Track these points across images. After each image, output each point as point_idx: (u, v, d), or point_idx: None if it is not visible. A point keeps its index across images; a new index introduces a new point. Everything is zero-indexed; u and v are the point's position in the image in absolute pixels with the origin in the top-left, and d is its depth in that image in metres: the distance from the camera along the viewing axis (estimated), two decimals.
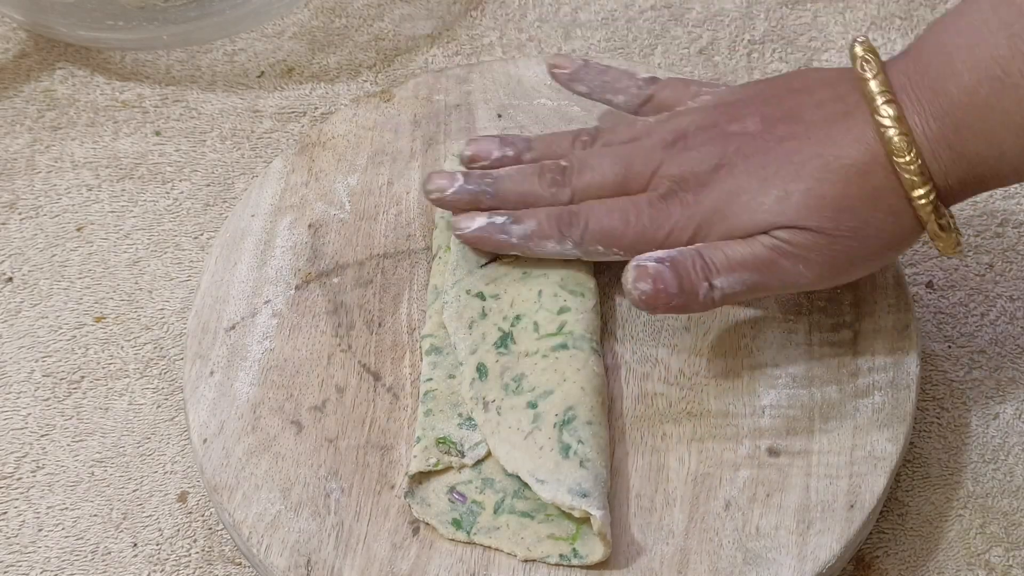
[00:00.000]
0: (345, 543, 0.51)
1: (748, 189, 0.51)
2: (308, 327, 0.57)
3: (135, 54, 0.72)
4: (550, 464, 0.50)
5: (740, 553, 0.50)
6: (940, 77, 0.48)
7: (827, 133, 0.50)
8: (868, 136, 0.49)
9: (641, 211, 0.53)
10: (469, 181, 0.55)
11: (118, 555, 0.54)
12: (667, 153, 0.53)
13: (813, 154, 0.50)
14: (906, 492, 0.55)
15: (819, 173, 0.50)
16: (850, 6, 0.73)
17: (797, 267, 0.51)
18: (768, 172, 0.51)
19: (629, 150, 0.55)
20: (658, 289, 0.50)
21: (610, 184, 0.54)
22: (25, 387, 0.59)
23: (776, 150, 0.51)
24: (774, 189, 0.50)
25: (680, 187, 0.52)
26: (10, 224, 0.65)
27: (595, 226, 0.53)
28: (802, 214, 0.50)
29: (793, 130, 0.51)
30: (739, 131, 0.52)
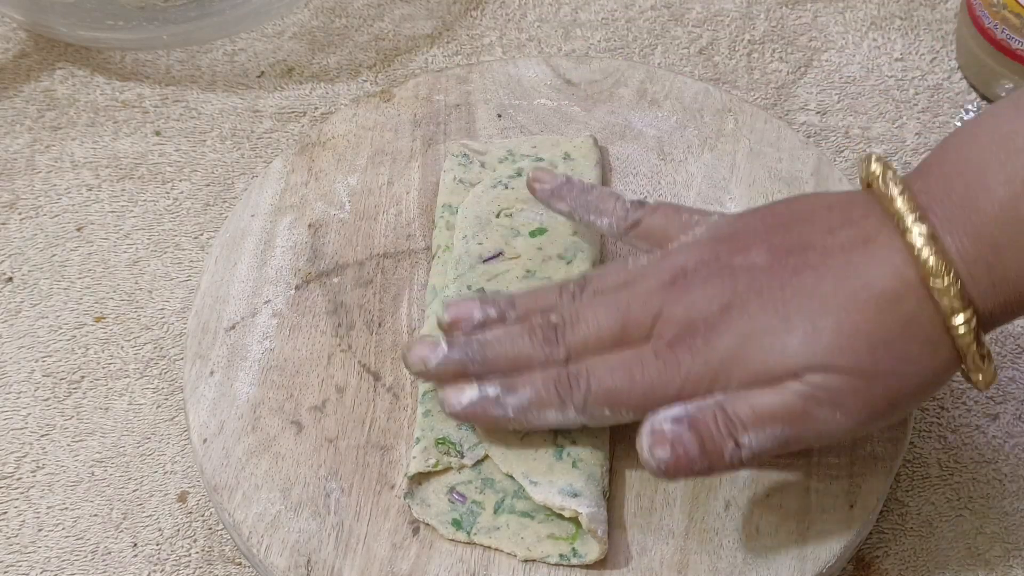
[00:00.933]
0: (345, 543, 0.51)
1: (768, 329, 0.46)
2: (308, 327, 0.57)
3: (135, 54, 0.72)
4: (543, 466, 0.51)
5: (740, 553, 0.50)
6: (971, 193, 0.44)
7: (847, 260, 0.46)
8: (897, 260, 0.45)
9: (647, 364, 0.47)
10: (453, 349, 0.50)
11: (118, 555, 0.54)
12: (667, 295, 0.48)
13: (837, 285, 0.45)
14: (906, 492, 0.55)
15: (847, 305, 0.45)
16: (850, 6, 0.73)
17: (834, 415, 0.45)
18: (789, 309, 0.46)
19: (624, 296, 0.49)
20: (678, 455, 0.45)
21: (608, 336, 0.48)
22: (25, 387, 0.59)
23: (793, 283, 0.46)
24: (800, 326, 0.45)
25: (688, 332, 0.47)
26: (10, 224, 0.65)
27: (598, 387, 0.48)
28: (835, 353, 0.45)
29: (808, 260, 0.46)
30: (745, 264, 0.47)
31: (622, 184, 0.62)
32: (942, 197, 0.45)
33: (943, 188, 0.45)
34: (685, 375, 0.47)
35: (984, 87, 0.69)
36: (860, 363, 0.45)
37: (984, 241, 0.44)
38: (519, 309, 0.51)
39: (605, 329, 0.49)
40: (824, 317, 0.45)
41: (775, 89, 0.70)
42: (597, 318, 0.49)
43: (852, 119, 0.68)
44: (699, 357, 0.47)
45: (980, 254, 0.44)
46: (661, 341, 0.48)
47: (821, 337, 0.45)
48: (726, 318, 0.47)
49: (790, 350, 0.45)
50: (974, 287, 0.45)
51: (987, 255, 0.44)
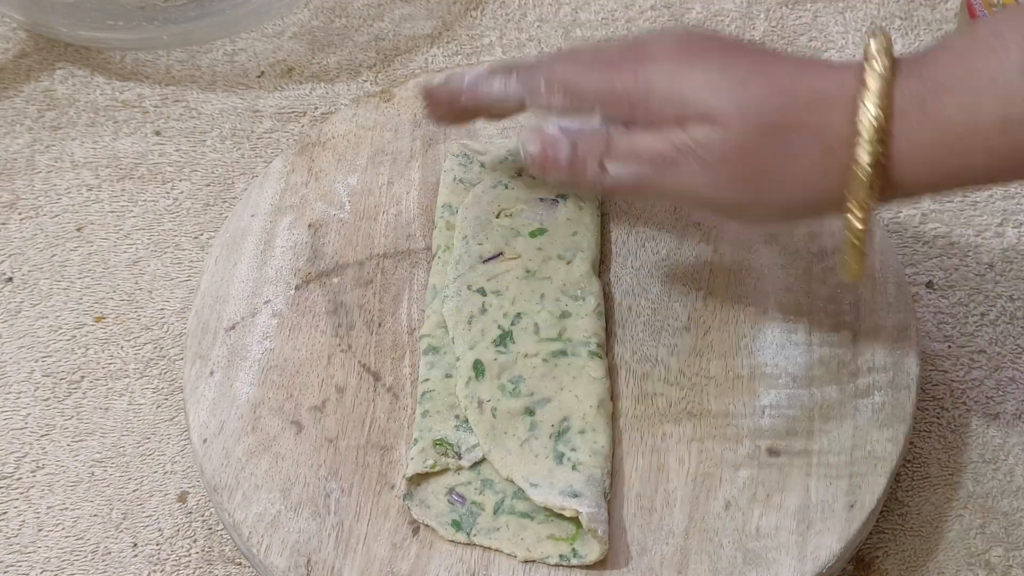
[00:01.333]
0: (345, 543, 0.51)
1: (689, 71, 0.47)
2: (308, 327, 0.57)
3: (135, 54, 0.72)
4: (544, 470, 0.51)
5: (740, 553, 0.50)
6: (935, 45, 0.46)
7: (799, 62, 0.47)
8: (846, 75, 0.45)
9: (593, 66, 0.49)
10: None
11: (118, 555, 0.54)
12: (634, 42, 0.50)
13: (781, 60, 0.47)
14: (906, 492, 0.55)
15: (767, 67, 0.46)
16: (850, 6, 0.73)
17: (692, 168, 0.46)
18: (722, 61, 0.47)
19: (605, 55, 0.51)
20: (546, 156, 0.50)
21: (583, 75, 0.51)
22: (25, 387, 0.59)
23: (739, 50, 0.48)
24: (715, 72, 0.47)
25: (635, 58, 0.49)
26: (10, 224, 0.65)
27: (551, 71, 0.50)
28: (724, 100, 0.46)
29: (774, 52, 0.49)
30: (712, 35, 0.50)
31: None
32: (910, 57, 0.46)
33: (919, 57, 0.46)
34: (610, 84, 0.49)
35: None
36: (744, 122, 0.46)
37: (928, 79, 0.45)
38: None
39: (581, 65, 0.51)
40: (740, 65, 0.47)
41: None
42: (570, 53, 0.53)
43: None
44: (630, 76, 0.48)
45: (920, 91, 0.44)
46: (611, 54, 0.50)
47: (723, 78, 0.46)
48: (667, 59, 0.48)
49: (688, 84, 0.47)
50: (902, 119, 0.44)
51: (926, 95, 0.44)
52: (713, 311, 0.57)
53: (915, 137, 0.45)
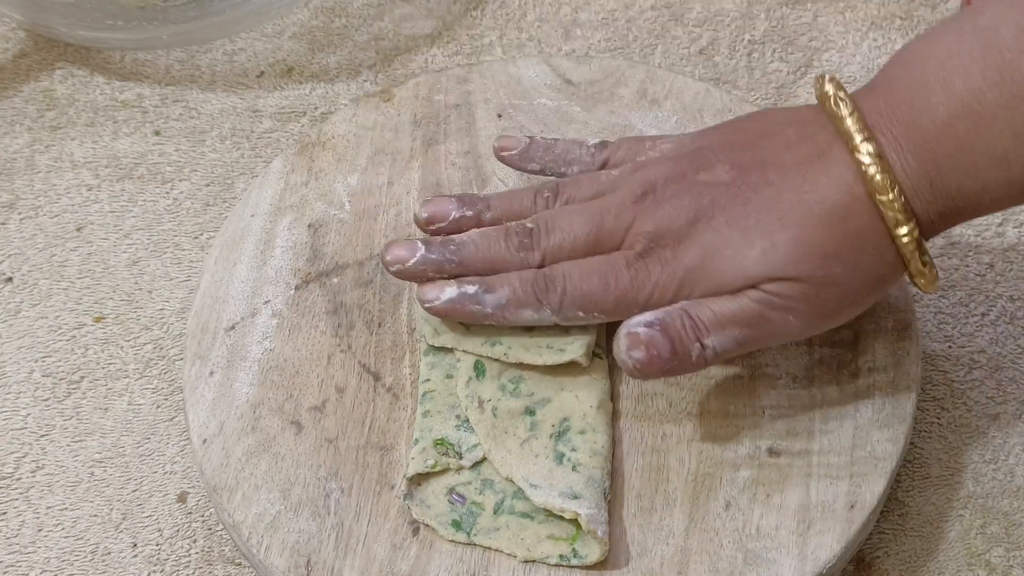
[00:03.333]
0: (345, 543, 0.51)
1: (730, 242, 0.50)
2: (308, 327, 0.57)
3: (135, 54, 0.72)
4: (544, 470, 0.51)
5: (740, 553, 0.50)
6: (915, 113, 0.48)
7: (803, 177, 0.49)
8: (847, 176, 0.48)
9: (620, 272, 0.51)
10: (431, 249, 0.53)
11: (118, 555, 0.54)
12: (638, 208, 0.51)
13: (794, 201, 0.49)
14: (906, 492, 0.55)
15: (802, 220, 0.49)
16: (850, 6, 0.73)
17: (787, 318, 0.49)
18: (749, 223, 0.49)
19: (598, 207, 0.52)
20: (651, 356, 0.49)
21: (581, 244, 0.52)
22: (25, 387, 0.59)
23: (754, 200, 0.50)
24: (758, 241, 0.49)
25: (657, 244, 0.51)
26: (10, 224, 0.65)
27: (574, 291, 0.51)
28: (789, 265, 0.49)
29: (767, 177, 0.50)
30: (710, 181, 0.51)
31: None
32: (889, 116, 0.48)
33: (890, 108, 0.48)
34: (654, 284, 0.50)
35: None
36: (813, 272, 0.49)
37: (926, 158, 0.47)
38: (494, 211, 0.55)
39: (580, 237, 0.52)
40: (781, 232, 0.49)
41: (775, 89, 0.69)
42: (572, 226, 0.52)
43: None
44: (667, 267, 0.50)
45: (923, 170, 0.48)
46: (633, 252, 0.51)
47: (777, 250, 0.49)
48: (692, 232, 0.50)
49: (749, 262, 0.49)
50: (916, 200, 0.48)
51: (929, 170, 0.48)
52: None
53: (934, 207, 0.49)
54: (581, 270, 0.51)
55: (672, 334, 0.49)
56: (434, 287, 0.52)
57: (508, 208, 0.55)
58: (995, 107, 0.46)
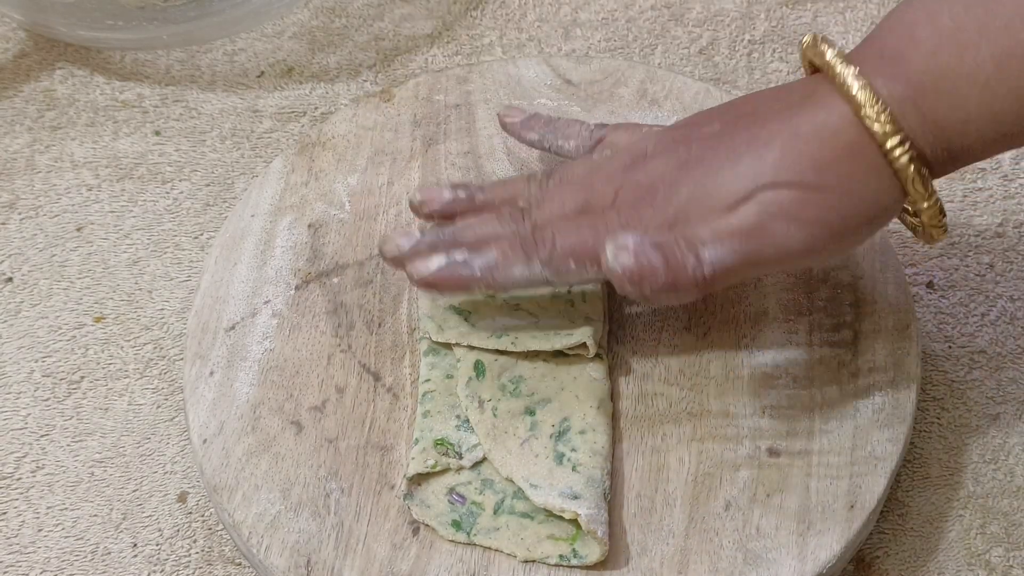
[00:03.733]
0: (345, 543, 0.51)
1: (720, 169, 0.49)
2: (308, 327, 0.57)
3: (135, 54, 0.72)
4: (544, 471, 0.51)
5: (740, 553, 0.50)
6: (901, 47, 0.48)
7: (791, 112, 0.49)
8: (834, 101, 0.48)
9: (610, 220, 0.50)
10: (426, 235, 0.53)
11: (118, 555, 0.54)
12: (628, 172, 0.51)
13: (780, 126, 0.49)
14: (906, 492, 0.55)
15: (791, 139, 0.48)
16: (850, 6, 0.73)
17: (789, 228, 0.48)
18: (738, 150, 0.49)
19: (588, 178, 0.52)
20: (641, 264, 0.48)
21: (572, 211, 0.51)
22: (25, 387, 0.59)
23: (742, 134, 0.49)
24: (746, 156, 0.48)
25: (648, 192, 0.50)
26: (10, 224, 0.65)
27: (563, 242, 0.50)
28: (781, 171, 0.48)
29: (756, 119, 0.50)
30: (701, 134, 0.51)
31: None
32: (877, 52, 0.48)
33: (876, 48, 0.48)
34: (647, 225, 0.49)
35: None
36: (805, 177, 0.48)
37: (911, 85, 0.47)
38: (487, 195, 0.55)
39: (570, 205, 0.51)
40: (768, 147, 0.48)
41: None
42: (563, 198, 0.52)
43: None
44: (659, 209, 0.49)
45: (908, 95, 0.47)
46: (625, 203, 0.50)
47: (766, 161, 0.48)
48: (683, 174, 0.50)
49: (739, 177, 0.48)
50: (904, 120, 0.47)
51: (915, 97, 0.47)
52: (713, 311, 0.57)
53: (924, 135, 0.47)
54: (571, 224, 0.51)
55: (664, 247, 0.49)
56: (421, 259, 0.52)
57: (502, 193, 0.55)
58: (977, 36, 0.46)
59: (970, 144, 0.48)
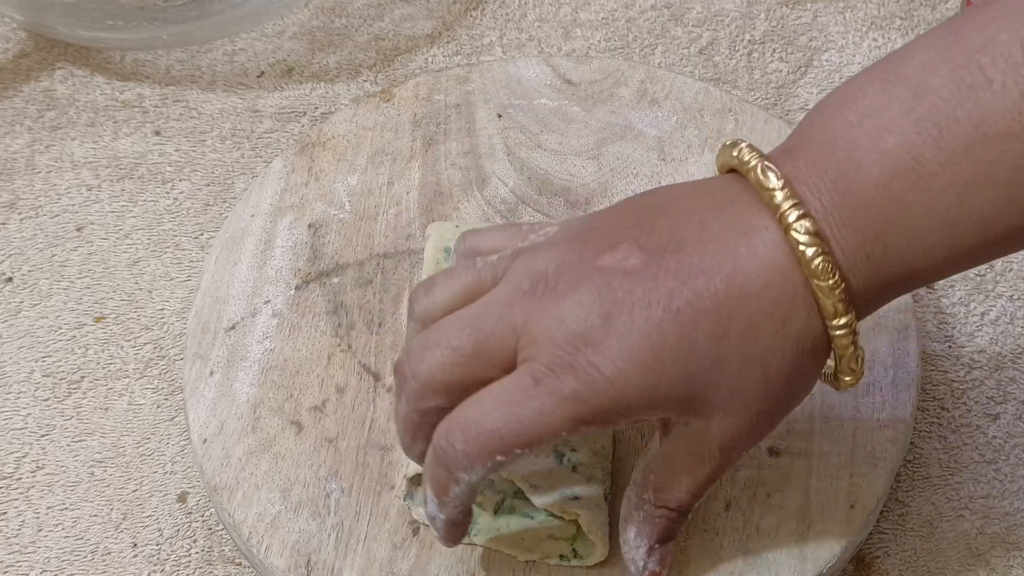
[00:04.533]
0: (345, 543, 0.51)
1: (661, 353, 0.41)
2: (308, 327, 0.57)
3: (135, 54, 0.72)
4: (544, 471, 0.51)
5: (740, 553, 0.50)
6: (845, 176, 0.41)
7: (731, 260, 0.41)
8: (778, 259, 0.41)
9: (528, 395, 0.41)
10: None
11: (118, 555, 0.54)
12: (529, 304, 0.42)
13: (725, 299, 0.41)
14: (906, 492, 0.55)
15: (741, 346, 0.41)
16: (850, 6, 0.73)
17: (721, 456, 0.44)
18: (684, 328, 0.41)
19: (475, 311, 0.43)
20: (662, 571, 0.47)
21: (462, 365, 0.42)
22: (25, 387, 0.59)
23: (680, 293, 0.41)
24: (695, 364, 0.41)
25: (568, 351, 0.41)
26: (10, 224, 0.65)
27: (478, 433, 0.42)
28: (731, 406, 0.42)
29: (686, 259, 0.42)
30: (618, 267, 0.42)
31: (622, 184, 0.62)
32: (817, 183, 0.41)
33: (816, 173, 0.42)
34: (575, 407, 0.41)
35: None
36: (750, 408, 0.43)
37: (863, 228, 0.41)
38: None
39: (459, 352, 0.42)
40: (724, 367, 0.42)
41: (775, 89, 0.69)
42: (447, 340, 0.43)
43: None
44: (588, 384, 0.41)
45: (860, 242, 0.41)
46: (537, 363, 0.41)
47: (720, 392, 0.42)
48: (611, 332, 0.41)
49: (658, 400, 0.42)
50: (856, 281, 0.42)
51: (867, 242, 0.41)
52: None
53: (872, 284, 0.42)
54: (479, 405, 0.42)
55: (665, 555, 0.46)
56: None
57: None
58: (934, 164, 0.40)
59: (918, 277, 0.42)
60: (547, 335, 0.41)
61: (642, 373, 0.41)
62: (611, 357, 0.41)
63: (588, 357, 0.41)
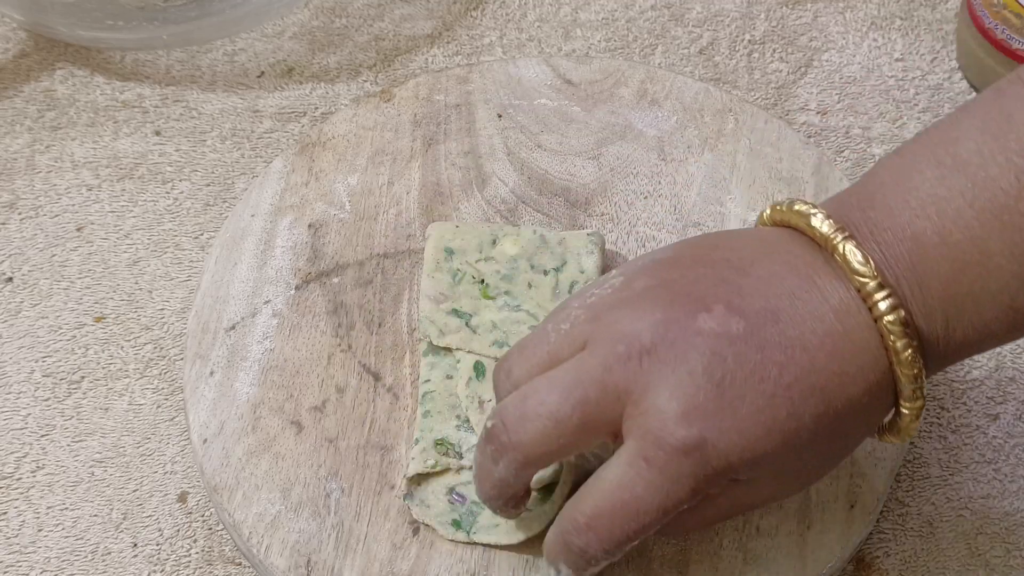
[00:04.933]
0: (345, 543, 0.51)
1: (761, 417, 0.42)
2: (308, 327, 0.57)
3: (135, 54, 0.72)
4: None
5: (740, 553, 0.50)
6: (916, 268, 0.42)
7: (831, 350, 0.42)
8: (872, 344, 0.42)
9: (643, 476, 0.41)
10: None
11: (118, 555, 0.54)
12: (630, 371, 0.41)
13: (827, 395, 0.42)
14: (906, 492, 0.55)
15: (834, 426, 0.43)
16: (850, 6, 0.73)
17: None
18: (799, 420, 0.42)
19: (570, 376, 0.42)
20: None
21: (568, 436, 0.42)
22: (25, 387, 0.59)
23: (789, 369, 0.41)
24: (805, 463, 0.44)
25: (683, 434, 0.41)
26: (10, 224, 0.65)
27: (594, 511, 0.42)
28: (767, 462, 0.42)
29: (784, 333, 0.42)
30: (718, 331, 0.41)
31: (622, 184, 0.62)
32: (895, 272, 0.43)
33: (892, 262, 0.43)
34: (693, 484, 0.41)
35: (984, 87, 0.68)
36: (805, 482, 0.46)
37: (935, 318, 0.43)
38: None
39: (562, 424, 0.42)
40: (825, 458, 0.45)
41: (775, 89, 0.69)
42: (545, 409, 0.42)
43: (852, 119, 0.68)
44: (703, 463, 0.41)
45: (931, 331, 0.43)
46: (647, 444, 0.41)
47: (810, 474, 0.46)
48: (724, 406, 0.41)
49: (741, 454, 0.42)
50: (928, 366, 0.44)
51: (937, 329, 0.43)
52: None
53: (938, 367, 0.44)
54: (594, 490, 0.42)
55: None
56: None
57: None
58: (1000, 257, 0.41)
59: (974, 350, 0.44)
60: (656, 409, 0.41)
61: (752, 448, 0.41)
62: (725, 431, 0.41)
63: (703, 433, 0.40)
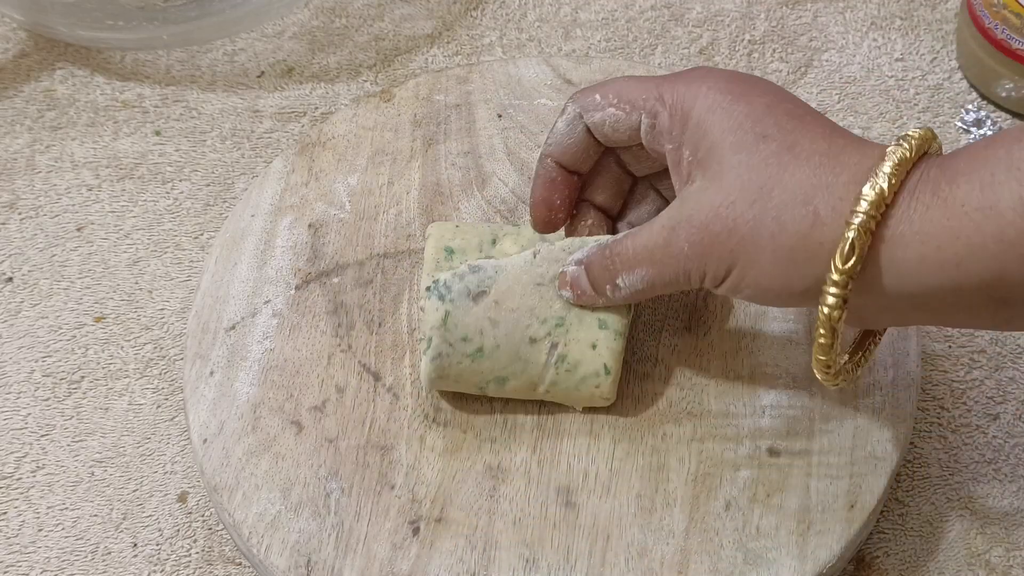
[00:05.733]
0: (345, 543, 0.51)
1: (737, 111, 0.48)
2: (308, 327, 0.57)
3: (135, 54, 0.72)
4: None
5: (740, 553, 0.50)
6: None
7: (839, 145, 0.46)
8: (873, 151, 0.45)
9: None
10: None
11: (118, 555, 0.54)
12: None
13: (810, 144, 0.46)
14: (906, 492, 0.55)
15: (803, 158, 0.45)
16: (850, 6, 0.73)
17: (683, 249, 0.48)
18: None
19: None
20: (577, 294, 0.52)
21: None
22: (25, 387, 0.59)
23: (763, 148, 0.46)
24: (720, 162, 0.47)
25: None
26: (10, 224, 0.65)
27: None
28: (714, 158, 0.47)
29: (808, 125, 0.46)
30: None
31: None
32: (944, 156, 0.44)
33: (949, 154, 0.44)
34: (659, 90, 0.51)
35: (984, 87, 0.69)
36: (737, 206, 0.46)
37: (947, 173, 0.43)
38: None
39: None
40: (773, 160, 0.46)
41: None
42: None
43: (852, 119, 0.68)
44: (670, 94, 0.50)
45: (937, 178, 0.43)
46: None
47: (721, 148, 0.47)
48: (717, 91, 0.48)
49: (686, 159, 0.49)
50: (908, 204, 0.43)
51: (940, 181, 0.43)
52: (713, 311, 0.57)
53: (918, 222, 0.43)
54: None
55: (592, 273, 0.51)
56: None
57: None
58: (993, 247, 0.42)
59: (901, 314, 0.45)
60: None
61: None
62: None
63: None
